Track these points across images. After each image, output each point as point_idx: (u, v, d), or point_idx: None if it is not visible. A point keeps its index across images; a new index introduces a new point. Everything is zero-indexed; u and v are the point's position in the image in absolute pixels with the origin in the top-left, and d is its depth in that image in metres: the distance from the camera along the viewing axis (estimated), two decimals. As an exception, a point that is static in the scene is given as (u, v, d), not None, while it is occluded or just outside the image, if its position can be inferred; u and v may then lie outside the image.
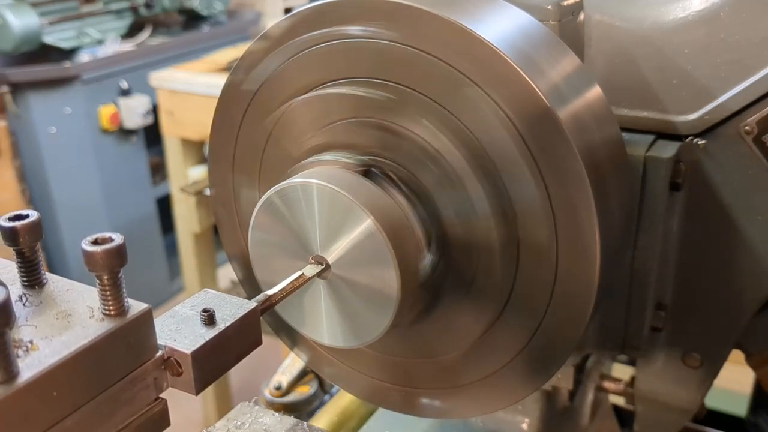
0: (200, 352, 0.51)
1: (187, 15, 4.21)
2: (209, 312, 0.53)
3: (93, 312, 0.48)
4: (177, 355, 0.51)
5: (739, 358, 0.97)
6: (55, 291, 0.51)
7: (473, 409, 0.78)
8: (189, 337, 0.52)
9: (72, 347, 0.44)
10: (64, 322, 0.47)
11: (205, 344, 0.51)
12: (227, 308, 0.55)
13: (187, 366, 0.50)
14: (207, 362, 0.52)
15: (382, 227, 0.62)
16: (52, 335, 0.45)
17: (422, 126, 0.65)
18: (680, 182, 0.80)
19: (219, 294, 0.57)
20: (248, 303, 0.56)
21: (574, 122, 0.62)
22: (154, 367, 0.50)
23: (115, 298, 0.48)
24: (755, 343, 0.95)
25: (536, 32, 0.68)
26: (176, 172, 3.06)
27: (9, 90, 3.39)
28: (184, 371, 0.51)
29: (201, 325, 0.53)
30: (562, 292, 0.65)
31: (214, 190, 0.82)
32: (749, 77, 0.77)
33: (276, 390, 1.19)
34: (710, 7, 0.80)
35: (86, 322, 0.47)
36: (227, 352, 0.54)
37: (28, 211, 0.51)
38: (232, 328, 0.53)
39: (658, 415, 0.96)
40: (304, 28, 0.69)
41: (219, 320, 0.53)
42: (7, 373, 0.41)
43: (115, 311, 0.48)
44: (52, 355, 0.43)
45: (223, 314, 0.54)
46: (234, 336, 0.54)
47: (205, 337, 0.52)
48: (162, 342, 0.51)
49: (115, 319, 0.47)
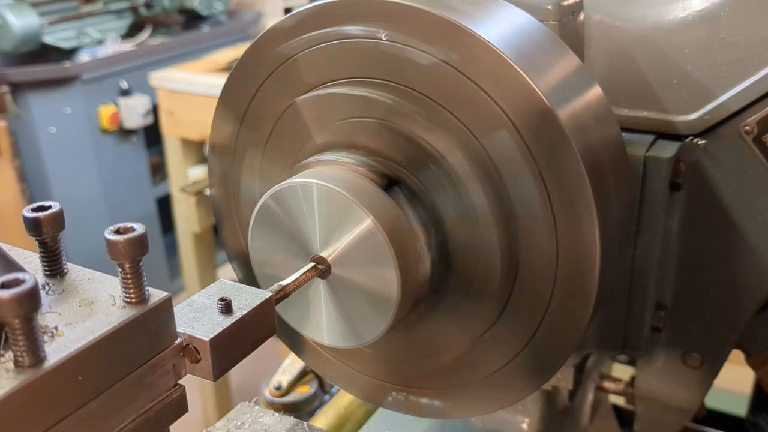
0: (218, 339, 0.52)
1: (187, 15, 4.22)
2: (226, 301, 0.55)
3: (115, 300, 0.49)
4: (195, 342, 0.52)
5: (739, 358, 0.97)
6: (76, 280, 0.52)
7: (473, 409, 0.78)
8: (207, 325, 0.53)
9: (96, 333, 0.46)
10: (87, 309, 0.48)
11: (222, 332, 0.53)
12: (243, 297, 0.56)
13: (206, 353, 0.52)
14: (224, 349, 0.53)
15: (382, 227, 0.62)
16: (76, 322, 0.47)
17: (422, 126, 0.65)
18: (680, 182, 0.80)
19: (235, 284, 0.59)
20: (263, 292, 0.58)
21: (574, 122, 0.62)
22: (174, 354, 0.51)
23: (136, 286, 0.49)
24: (755, 343, 0.95)
25: (536, 32, 0.68)
26: (176, 172, 3.06)
27: (9, 90, 3.40)
28: (202, 358, 0.52)
29: (218, 314, 0.54)
30: (562, 292, 0.65)
31: (215, 136, 0.80)
32: (749, 77, 0.77)
33: (276, 390, 1.19)
34: (710, 7, 0.80)
35: (108, 310, 0.48)
36: (244, 339, 0.55)
37: (51, 202, 0.53)
38: (248, 317, 0.55)
39: (658, 415, 0.96)
40: (304, 27, 0.69)
41: (236, 309, 0.55)
42: (35, 357, 0.42)
43: (136, 299, 0.49)
44: (77, 340, 0.45)
45: (240, 303, 0.56)
46: (250, 324, 0.55)
47: (222, 325, 0.53)
48: (181, 330, 0.52)
49: (136, 306, 0.49)
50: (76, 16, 3.64)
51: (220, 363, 0.53)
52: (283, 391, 1.19)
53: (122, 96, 3.63)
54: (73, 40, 3.61)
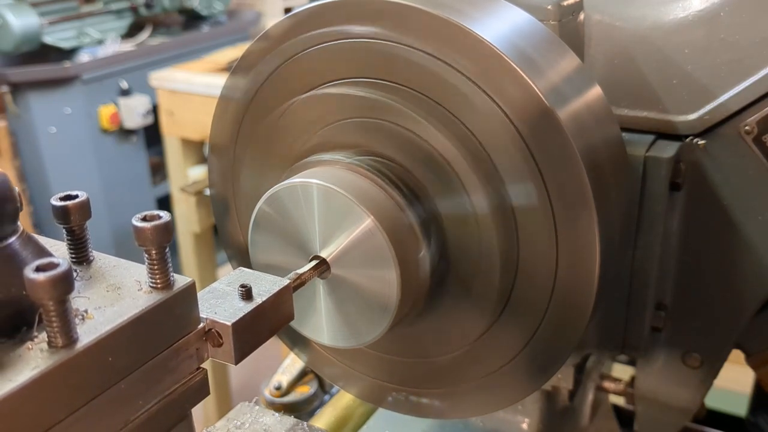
0: (240, 324, 0.54)
1: (187, 15, 4.21)
2: (247, 287, 0.56)
3: (141, 285, 0.51)
4: (218, 326, 0.53)
5: (739, 358, 0.97)
6: (102, 267, 0.54)
7: (473, 409, 0.78)
8: (229, 311, 0.54)
9: (124, 316, 0.47)
10: (115, 294, 0.50)
11: (244, 316, 0.54)
12: (263, 284, 0.58)
13: (228, 337, 0.53)
14: (245, 333, 0.54)
15: (382, 227, 0.62)
16: (105, 306, 0.48)
17: (422, 126, 0.65)
18: (680, 182, 0.80)
19: (254, 272, 0.60)
20: (282, 280, 0.59)
21: (574, 122, 0.62)
22: (197, 338, 0.53)
23: (162, 272, 0.50)
24: (755, 343, 0.95)
25: (536, 32, 0.68)
26: (176, 172, 3.06)
27: (9, 90, 3.40)
28: (224, 342, 0.54)
29: (239, 300, 0.56)
30: (562, 292, 0.65)
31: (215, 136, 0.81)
32: (749, 77, 0.77)
33: (276, 390, 1.19)
34: (710, 7, 0.80)
35: (135, 294, 0.50)
36: (263, 324, 0.57)
37: (78, 191, 0.55)
38: (268, 303, 0.56)
39: (658, 415, 0.96)
40: (304, 27, 0.69)
41: (256, 295, 0.56)
42: (68, 338, 0.44)
43: (162, 284, 0.50)
44: (107, 323, 0.46)
45: (259, 290, 0.57)
46: (270, 310, 0.57)
47: (243, 310, 0.54)
48: (204, 315, 0.54)
49: (162, 291, 0.50)
50: (76, 16, 3.64)
51: (241, 347, 0.54)
52: (283, 391, 1.19)
53: (122, 96, 3.63)
54: (73, 40, 3.61)
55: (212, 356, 0.54)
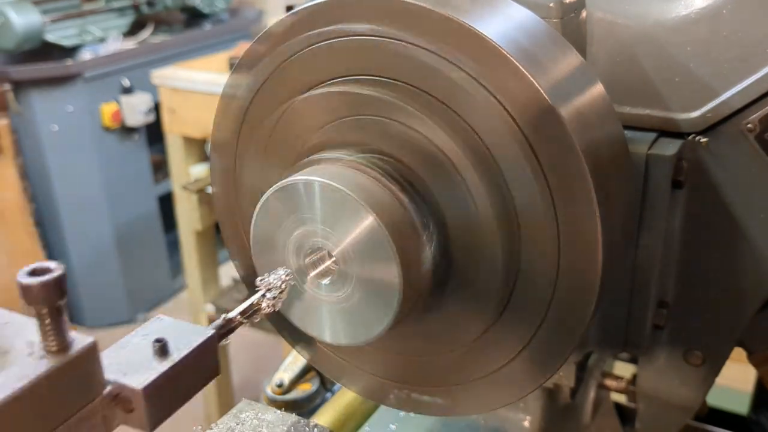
0: (152, 387, 0.48)
1: (188, 13, 4.22)
2: (162, 342, 0.50)
3: (33, 348, 0.44)
4: (127, 391, 0.48)
5: (741, 356, 0.97)
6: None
7: (475, 407, 0.78)
8: (140, 371, 0.49)
9: (10, 389, 0.41)
10: (1, 360, 0.44)
11: (157, 378, 0.48)
12: (182, 336, 0.52)
13: (139, 402, 0.47)
14: (160, 397, 0.49)
15: (384, 224, 0.62)
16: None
17: (424, 123, 0.65)
18: (682, 180, 0.80)
19: (174, 321, 0.54)
20: (205, 329, 0.54)
21: (576, 120, 0.62)
22: (103, 405, 0.47)
23: (56, 333, 0.44)
24: (757, 341, 0.95)
25: (538, 30, 0.68)
26: (178, 169, 3.06)
27: (11, 88, 3.40)
28: (135, 408, 0.48)
29: (153, 357, 0.50)
30: (565, 290, 0.65)
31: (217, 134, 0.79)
32: (752, 75, 0.77)
33: (278, 387, 1.19)
34: (713, 5, 0.80)
35: (25, 361, 0.43)
36: (182, 384, 0.51)
37: None
38: (187, 359, 0.50)
39: (659, 412, 0.96)
40: (306, 25, 0.69)
41: (173, 350, 0.50)
42: None
43: (57, 347, 0.44)
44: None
45: (178, 343, 0.51)
46: (189, 366, 0.51)
47: (158, 370, 0.49)
48: (111, 377, 0.48)
49: (57, 355, 0.44)
50: (78, 14, 3.65)
51: (155, 412, 0.48)
52: (284, 389, 1.19)
53: (124, 94, 3.63)
54: (75, 38, 3.61)
55: (123, 423, 0.48)
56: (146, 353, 0.50)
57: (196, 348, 0.51)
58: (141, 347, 0.50)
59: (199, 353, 0.51)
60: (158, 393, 0.48)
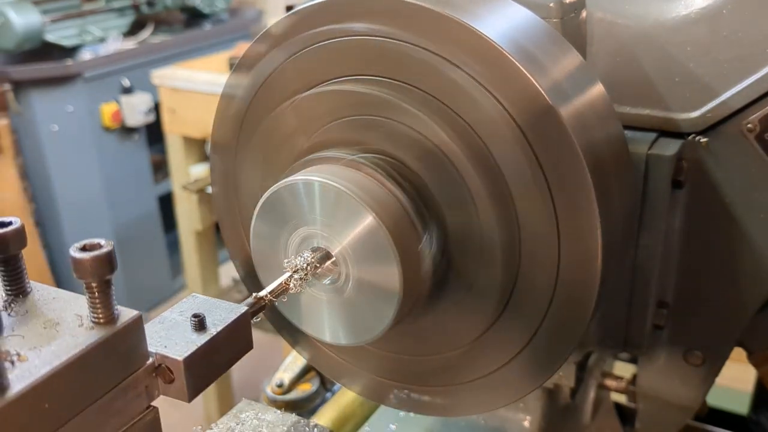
0: (192, 359, 0.50)
1: (188, 13, 4.21)
2: (200, 317, 0.52)
3: (82, 320, 0.47)
4: (168, 362, 0.50)
5: (741, 356, 0.97)
6: (40, 300, 0.50)
7: (475, 407, 0.78)
8: (180, 344, 0.51)
9: (62, 357, 0.43)
10: (53, 331, 0.46)
11: (196, 350, 0.50)
12: (217, 313, 0.54)
13: (179, 373, 0.49)
14: (199, 368, 0.51)
15: (384, 224, 0.62)
16: (41, 345, 0.44)
17: (423, 122, 0.65)
18: (682, 180, 0.80)
19: (208, 299, 0.56)
20: (238, 307, 0.55)
21: (576, 120, 0.62)
22: (146, 375, 0.49)
23: (104, 306, 0.46)
24: (757, 341, 0.95)
25: (539, 30, 0.68)
26: (178, 169, 3.06)
27: (11, 88, 3.40)
28: (176, 378, 0.50)
29: (191, 331, 0.52)
30: (564, 290, 0.65)
31: (217, 134, 0.79)
32: (752, 75, 0.77)
33: (278, 387, 1.19)
34: (712, 5, 0.80)
35: (75, 331, 0.46)
36: (219, 357, 0.53)
37: (11, 218, 0.49)
38: (223, 333, 0.53)
39: (659, 412, 0.96)
40: (306, 25, 0.69)
41: (210, 325, 0.53)
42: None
43: (104, 319, 0.46)
44: (42, 365, 0.42)
45: (214, 319, 0.53)
46: (225, 341, 0.53)
47: (196, 343, 0.51)
48: (153, 349, 0.50)
49: (105, 327, 0.46)
50: (78, 14, 3.64)
51: (195, 382, 0.51)
52: (285, 389, 1.19)
53: (124, 94, 3.63)
54: (75, 38, 3.61)
55: (163, 393, 0.50)
56: (185, 328, 0.52)
57: (231, 323, 0.53)
58: (179, 322, 0.53)
59: (234, 328, 0.53)
60: (197, 365, 0.50)
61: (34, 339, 0.45)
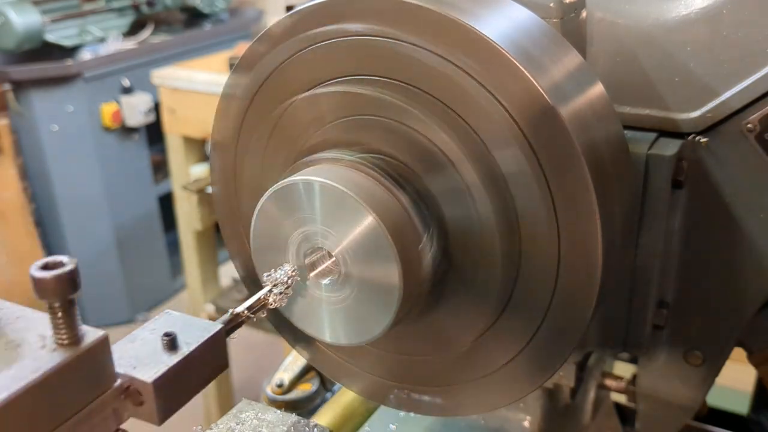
0: (162, 380, 0.48)
1: (188, 13, 4.22)
2: (171, 336, 0.51)
3: (45, 341, 0.45)
4: (137, 384, 0.48)
5: (741, 356, 0.97)
6: (3, 318, 0.48)
7: (475, 407, 0.78)
8: (150, 364, 0.49)
9: (22, 382, 0.41)
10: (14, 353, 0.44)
11: (167, 371, 0.49)
12: (190, 331, 0.52)
13: (149, 395, 0.48)
14: (170, 390, 0.49)
15: (384, 224, 0.62)
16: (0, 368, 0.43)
17: (423, 123, 0.65)
18: (682, 180, 0.80)
19: (182, 315, 0.55)
20: (213, 324, 0.54)
21: (576, 120, 0.62)
22: (113, 398, 0.48)
23: (68, 327, 0.45)
24: (757, 341, 0.95)
25: (538, 30, 0.68)
26: (178, 169, 3.06)
27: (11, 88, 3.40)
28: (145, 401, 0.48)
29: (162, 351, 0.50)
30: (565, 290, 0.65)
31: (217, 134, 0.79)
32: (752, 75, 0.77)
33: (278, 387, 1.19)
34: (712, 5, 0.80)
35: (37, 354, 0.44)
36: (192, 377, 0.51)
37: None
38: (196, 353, 0.51)
39: (659, 412, 0.96)
40: (305, 25, 0.69)
41: (182, 344, 0.51)
42: None
43: (69, 340, 0.45)
44: (2, 390, 0.41)
45: (186, 337, 0.52)
46: (198, 360, 0.51)
47: (167, 364, 0.49)
48: (121, 370, 0.48)
49: (69, 348, 0.45)
50: (78, 14, 3.65)
51: (165, 405, 0.49)
52: (284, 389, 1.19)
53: (124, 94, 3.63)
54: (75, 38, 3.61)
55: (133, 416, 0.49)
56: (155, 347, 0.50)
57: (205, 342, 0.52)
58: (150, 341, 0.51)
59: (207, 347, 0.52)
60: (168, 386, 0.49)
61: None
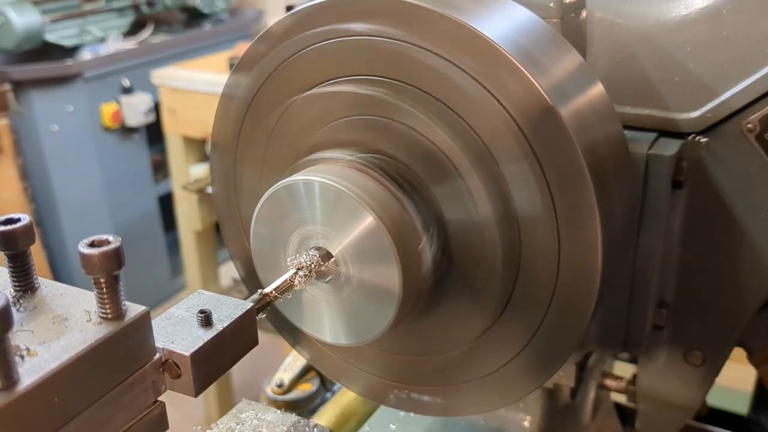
0: (199, 354, 0.51)
1: (188, 13, 4.22)
2: (206, 313, 0.53)
3: (90, 316, 0.47)
4: (176, 357, 0.50)
5: (741, 356, 0.97)
6: (48, 295, 0.50)
7: (475, 407, 0.78)
8: (187, 339, 0.51)
9: (71, 352, 0.43)
10: (61, 326, 0.46)
11: (203, 345, 0.51)
12: (223, 309, 0.55)
13: (186, 368, 0.50)
14: (206, 363, 0.52)
15: (384, 224, 0.62)
16: (50, 340, 0.45)
17: (423, 123, 0.65)
18: (682, 180, 0.80)
19: (213, 295, 0.57)
20: (244, 303, 0.56)
21: (576, 120, 0.62)
22: (153, 370, 0.50)
23: (112, 302, 0.47)
24: (757, 341, 0.95)
25: (539, 30, 0.68)
26: (178, 169, 3.06)
27: (11, 88, 3.40)
28: (183, 373, 0.50)
29: (198, 327, 0.53)
30: (565, 290, 0.65)
31: (217, 134, 0.80)
32: (751, 75, 0.77)
33: (278, 387, 1.19)
34: (712, 5, 0.80)
35: (84, 326, 0.46)
36: (225, 352, 0.54)
37: (19, 214, 0.50)
38: (229, 329, 0.53)
39: (659, 412, 0.96)
40: (306, 25, 0.69)
41: (216, 321, 0.53)
42: (8, 380, 0.40)
43: (112, 314, 0.47)
44: (52, 360, 0.43)
45: (220, 315, 0.54)
46: (231, 336, 0.54)
47: (203, 339, 0.52)
48: (160, 344, 0.51)
49: (112, 322, 0.47)
50: (78, 14, 3.64)
51: (201, 377, 0.51)
52: (285, 389, 1.19)
53: (124, 94, 3.63)
54: (75, 38, 3.61)
55: (170, 388, 0.51)
56: (191, 324, 0.53)
57: (238, 319, 0.54)
58: (185, 318, 0.54)
59: (239, 324, 0.54)
60: (204, 360, 0.51)
61: (43, 334, 0.45)
